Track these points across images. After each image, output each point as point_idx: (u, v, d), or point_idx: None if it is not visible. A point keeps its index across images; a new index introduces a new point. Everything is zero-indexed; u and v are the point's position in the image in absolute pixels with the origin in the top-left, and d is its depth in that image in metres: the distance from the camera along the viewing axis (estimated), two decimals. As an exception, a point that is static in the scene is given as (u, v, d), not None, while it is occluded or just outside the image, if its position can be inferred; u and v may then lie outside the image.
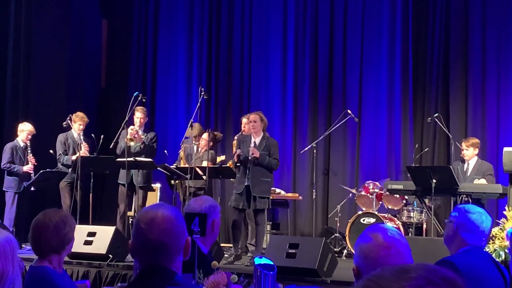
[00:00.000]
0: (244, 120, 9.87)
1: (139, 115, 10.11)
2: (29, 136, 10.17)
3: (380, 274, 1.17)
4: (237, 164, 8.98)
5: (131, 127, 9.92)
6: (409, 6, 11.77)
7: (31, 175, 9.99)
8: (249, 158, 8.74)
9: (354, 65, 12.11)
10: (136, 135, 9.91)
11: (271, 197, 10.93)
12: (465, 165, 9.57)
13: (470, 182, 9.25)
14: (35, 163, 10.07)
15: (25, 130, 10.20)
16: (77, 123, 10.29)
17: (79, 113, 10.43)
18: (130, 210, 10.23)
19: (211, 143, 10.12)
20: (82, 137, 10.25)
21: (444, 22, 11.63)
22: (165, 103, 13.32)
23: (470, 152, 9.52)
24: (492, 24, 11.28)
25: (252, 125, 8.91)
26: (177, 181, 10.08)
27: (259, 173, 8.77)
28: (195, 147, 10.13)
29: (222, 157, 10.69)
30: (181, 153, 10.30)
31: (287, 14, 12.61)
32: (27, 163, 10.07)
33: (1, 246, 2.72)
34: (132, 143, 9.81)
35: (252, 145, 8.84)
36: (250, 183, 8.73)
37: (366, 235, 2.54)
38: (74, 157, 10.08)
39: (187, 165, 9.66)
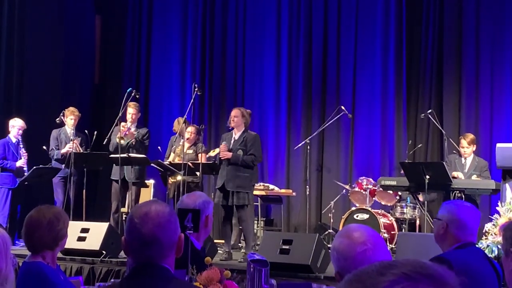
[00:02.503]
0: None
1: (131, 111, 10.10)
2: (20, 131, 10.15)
3: (365, 269, 1.17)
4: (220, 158, 9.00)
5: (123, 124, 9.91)
6: (403, 2, 11.78)
7: (24, 169, 9.98)
8: (221, 158, 8.79)
9: (347, 61, 12.13)
10: (127, 132, 9.91)
11: (267, 194, 11.04)
12: (462, 160, 9.59)
13: (468, 178, 9.28)
14: (27, 158, 10.06)
15: (16, 125, 10.19)
16: (68, 118, 10.30)
17: (70, 108, 10.44)
18: (124, 207, 10.21)
19: (198, 136, 10.14)
20: (74, 132, 10.24)
21: (438, 18, 11.65)
22: (159, 99, 13.31)
23: (470, 150, 9.55)
24: (486, 20, 11.30)
25: (233, 119, 8.91)
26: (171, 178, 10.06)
27: (235, 169, 8.78)
28: (185, 143, 10.09)
29: (217, 150, 10.63)
30: (178, 150, 10.22)
31: (281, 10, 12.61)
32: (20, 159, 10.06)
33: (-6, 243, 2.72)
34: (122, 141, 9.79)
35: (232, 141, 8.86)
36: (225, 178, 8.75)
37: (338, 239, 2.63)
38: (63, 151, 10.09)
39: (180, 161, 9.66)
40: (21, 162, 10.05)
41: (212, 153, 10.15)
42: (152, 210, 2.51)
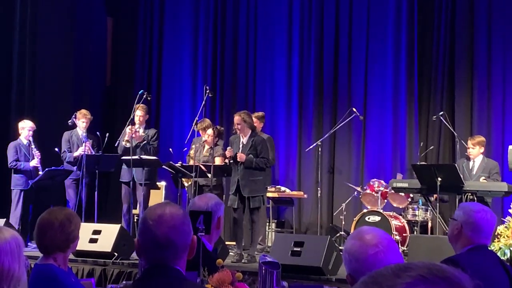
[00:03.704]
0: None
1: (139, 113, 10.13)
2: (31, 132, 10.18)
3: (380, 271, 1.17)
4: (230, 162, 9.01)
5: (130, 127, 9.94)
6: (415, 4, 11.75)
7: (39, 168, 10.02)
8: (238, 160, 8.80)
9: (359, 63, 12.10)
10: (134, 135, 9.91)
11: (278, 196, 11.04)
12: (471, 163, 9.55)
13: (476, 180, 9.24)
14: (40, 157, 10.09)
15: (25, 127, 10.22)
16: (80, 120, 10.33)
17: (82, 110, 10.47)
18: (135, 208, 10.23)
19: (217, 138, 10.13)
20: (85, 134, 10.27)
21: (450, 19, 11.61)
22: (170, 101, 13.33)
23: (475, 151, 9.50)
24: (498, 21, 11.25)
25: (236, 127, 8.93)
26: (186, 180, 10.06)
27: (249, 173, 8.78)
28: (204, 144, 10.09)
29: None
30: (191, 152, 10.22)
31: (293, 12, 12.61)
32: (33, 159, 10.09)
33: (8, 244, 2.73)
34: (128, 144, 9.80)
35: (240, 145, 8.87)
36: (240, 184, 8.75)
37: (351, 241, 2.64)
38: (76, 154, 10.14)
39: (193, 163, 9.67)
40: (35, 162, 10.08)
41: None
42: (166, 213, 2.52)
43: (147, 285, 2.49)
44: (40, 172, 9.93)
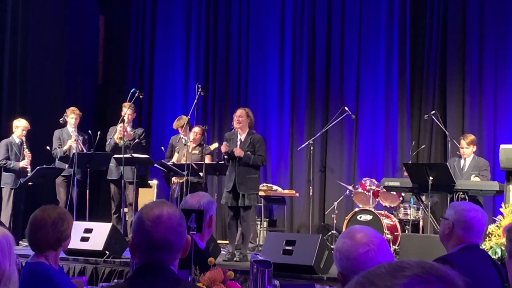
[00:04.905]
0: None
1: (127, 111, 10.11)
2: (24, 132, 10.17)
3: (374, 271, 1.16)
4: (224, 157, 9.01)
5: (120, 125, 9.92)
6: (407, 2, 11.77)
7: (28, 170, 9.99)
8: (235, 155, 8.80)
9: (351, 61, 12.12)
10: (125, 133, 9.90)
11: (270, 194, 11.05)
12: (462, 162, 9.57)
13: (467, 178, 9.26)
14: (31, 158, 10.07)
15: (19, 126, 10.20)
16: (70, 117, 10.32)
17: (71, 107, 10.46)
18: (126, 207, 10.21)
19: (203, 137, 10.13)
20: (76, 131, 10.25)
21: (442, 18, 11.63)
22: (162, 99, 13.32)
23: (469, 150, 9.52)
24: (490, 21, 11.29)
25: (237, 119, 8.91)
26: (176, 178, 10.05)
27: (245, 171, 8.80)
28: (188, 142, 10.07)
29: (215, 144, 10.52)
30: (184, 151, 10.20)
31: (285, 10, 12.61)
32: (24, 159, 10.07)
33: (-2, 242, 2.73)
34: (121, 142, 9.79)
35: (238, 142, 8.87)
36: (236, 181, 8.75)
37: (342, 239, 2.65)
38: (65, 148, 10.12)
39: (183, 162, 9.66)
40: (24, 163, 10.05)
41: (211, 147, 10.12)
42: (164, 214, 2.48)
43: (139, 283, 2.47)
44: (29, 173, 9.90)
